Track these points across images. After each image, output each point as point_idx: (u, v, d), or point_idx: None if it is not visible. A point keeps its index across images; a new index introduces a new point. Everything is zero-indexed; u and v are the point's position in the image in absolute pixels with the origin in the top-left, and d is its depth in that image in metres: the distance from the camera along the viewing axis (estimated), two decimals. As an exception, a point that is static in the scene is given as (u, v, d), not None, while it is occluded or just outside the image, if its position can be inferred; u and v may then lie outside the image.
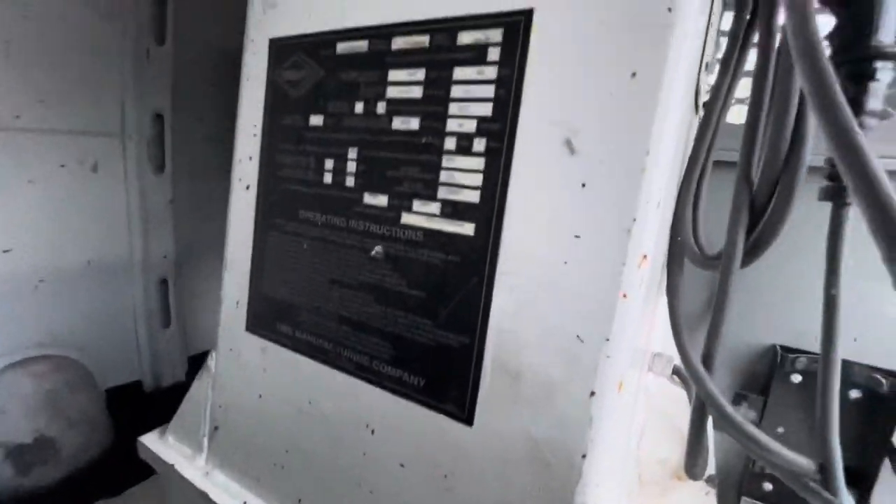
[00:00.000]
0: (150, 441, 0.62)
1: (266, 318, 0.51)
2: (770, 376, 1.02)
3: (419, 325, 0.40)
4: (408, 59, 0.40)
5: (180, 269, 1.19)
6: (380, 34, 0.41)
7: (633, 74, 0.31)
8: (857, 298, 0.41)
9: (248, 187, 0.52)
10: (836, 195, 0.41)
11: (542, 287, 0.34)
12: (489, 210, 0.36)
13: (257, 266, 0.52)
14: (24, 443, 0.86)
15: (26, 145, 0.86)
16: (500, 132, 0.36)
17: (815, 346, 1.00)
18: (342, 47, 0.44)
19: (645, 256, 0.32)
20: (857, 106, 0.36)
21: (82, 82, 0.93)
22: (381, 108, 0.42)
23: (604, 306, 0.32)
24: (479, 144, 0.37)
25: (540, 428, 0.34)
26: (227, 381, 0.55)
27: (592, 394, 0.32)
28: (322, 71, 0.45)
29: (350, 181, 0.44)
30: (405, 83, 0.40)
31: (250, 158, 0.52)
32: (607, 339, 0.32)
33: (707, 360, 0.48)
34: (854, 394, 0.95)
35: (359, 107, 0.43)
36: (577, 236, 0.33)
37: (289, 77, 0.48)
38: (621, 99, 0.31)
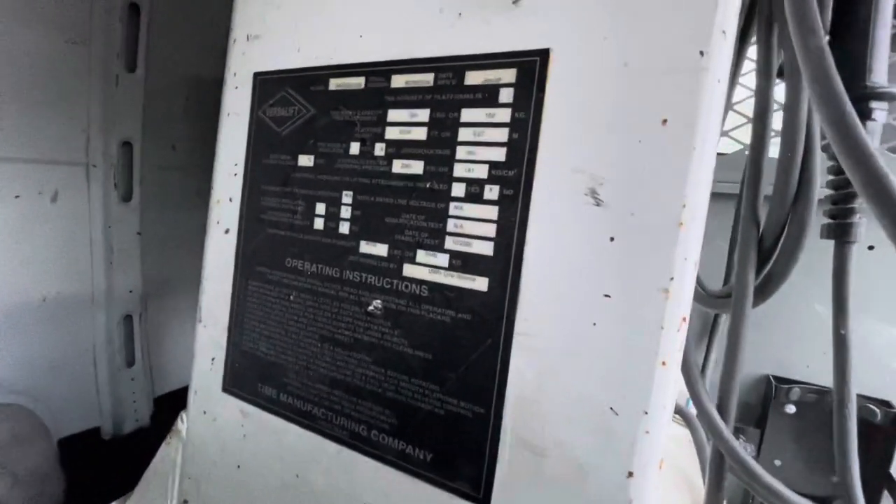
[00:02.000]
0: (108, 517, 0.54)
1: (246, 378, 0.46)
2: (763, 407, 1.01)
3: (425, 390, 0.36)
4: (409, 98, 0.37)
5: (147, 303, 1.12)
6: (378, 71, 0.38)
7: (664, 121, 0.28)
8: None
9: (227, 231, 0.47)
10: (840, 233, 0.40)
11: (568, 351, 0.31)
12: (504, 263, 0.33)
13: (237, 319, 0.46)
14: (-36, 505, 0.77)
15: (-22, 176, 0.80)
16: (515, 179, 0.32)
17: (804, 374, 1.00)
18: (335, 84, 0.40)
19: (684, 319, 0.29)
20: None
21: (44, 109, 0.88)
22: (379, 149, 0.38)
23: (641, 375, 0.28)
24: (492, 192, 0.33)
25: (569, 513, 0.30)
26: (199, 448, 0.49)
27: (630, 474, 0.29)
28: (313, 108, 0.42)
29: (344, 227, 0.40)
30: (407, 124, 0.37)
31: (230, 200, 0.47)
32: (646, 413, 0.28)
33: (723, 408, 0.45)
34: (847, 423, 0.94)
35: (354, 147, 0.39)
36: (606, 295, 0.30)
37: (275, 114, 0.44)
38: (652, 147, 0.29)
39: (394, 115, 0.38)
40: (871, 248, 0.84)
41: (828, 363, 0.41)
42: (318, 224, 0.41)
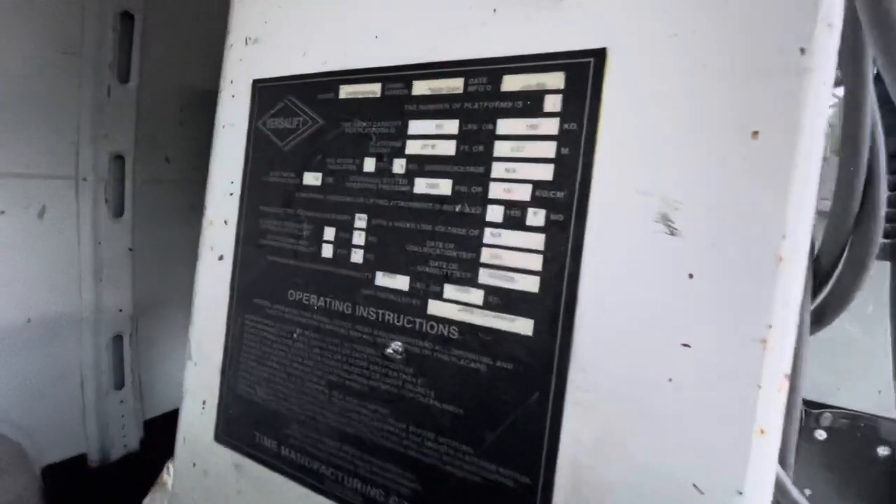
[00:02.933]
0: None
1: (242, 427, 0.40)
2: (792, 432, 0.95)
3: (456, 452, 0.30)
4: (434, 107, 0.32)
5: (138, 323, 1.06)
6: (396, 77, 0.33)
7: (755, 134, 0.23)
8: (879, 347, 0.37)
9: (221, 258, 0.42)
10: (899, 254, 0.37)
11: (637, 412, 0.25)
12: (554, 302, 0.27)
13: (231, 358, 0.41)
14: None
15: (-41, 191, 0.76)
16: (565, 201, 0.27)
17: (836, 398, 0.94)
18: (347, 91, 0.35)
19: (786, 376, 0.23)
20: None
21: (31, 120, 0.84)
22: (398, 166, 0.33)
23: (732, 445, 0.23)
24: (537, 217, 0.28)
25: None
26: (187, 504, 0.43)
27: (721, 571, 0.23)
28: (320, 119, 0.37)
29: (357, 256, 0.35)
30: (431, 137, 0.32)
31: (225, 222, 0.42)
32: (740, 493, 0.23)
33: (784, 460, 0.40)
34: (882, 451, 0.89)
35: (369, 164, 0.34)
36: (685, 345, 0.24)
37: (277, 126, 0.39)
38: (739, 165, 0.23)
39: (416, 126, 0.32)
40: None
41: (860, 386, 0.36)
42: (327, 251, 0.36)
